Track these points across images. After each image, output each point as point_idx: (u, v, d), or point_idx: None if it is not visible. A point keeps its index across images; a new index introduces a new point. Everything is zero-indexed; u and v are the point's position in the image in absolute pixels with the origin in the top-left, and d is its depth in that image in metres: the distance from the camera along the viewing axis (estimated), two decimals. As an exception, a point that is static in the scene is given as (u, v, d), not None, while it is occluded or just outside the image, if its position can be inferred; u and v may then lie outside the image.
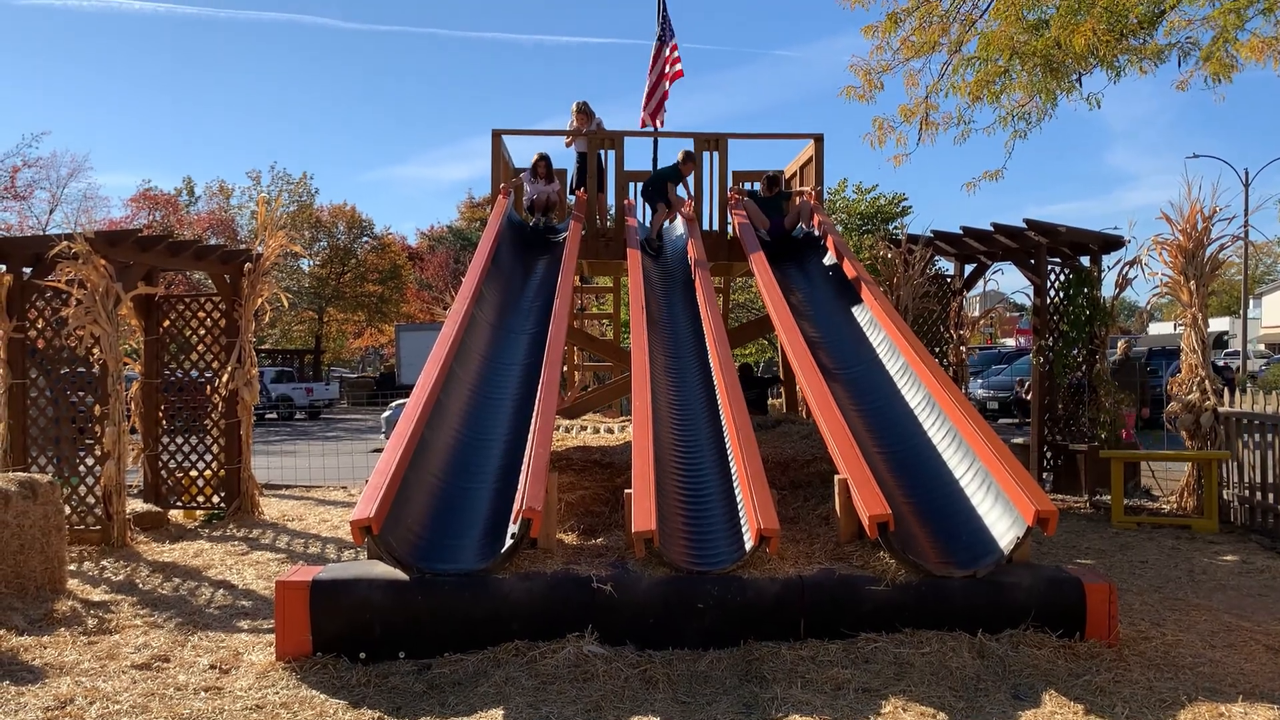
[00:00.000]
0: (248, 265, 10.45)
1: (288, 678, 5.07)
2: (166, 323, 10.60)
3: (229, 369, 10.26)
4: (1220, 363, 28.29)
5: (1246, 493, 9.49)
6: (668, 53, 14.09)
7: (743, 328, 14.73)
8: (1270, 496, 9.12)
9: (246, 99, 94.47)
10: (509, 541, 5.59)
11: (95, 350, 8.80)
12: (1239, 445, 9.59)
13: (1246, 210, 33.10)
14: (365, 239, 48.62)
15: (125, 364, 9.32)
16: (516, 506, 5.65)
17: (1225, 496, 9.75)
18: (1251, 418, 9.39)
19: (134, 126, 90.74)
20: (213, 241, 12.82)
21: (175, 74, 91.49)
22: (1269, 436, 9.15)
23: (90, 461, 8.90)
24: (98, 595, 7.03)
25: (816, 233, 11.29)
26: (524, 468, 6.03)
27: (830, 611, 5.40)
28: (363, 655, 5.25)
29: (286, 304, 10.54)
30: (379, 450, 6.61)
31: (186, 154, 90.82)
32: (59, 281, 8.74)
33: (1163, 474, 11.58)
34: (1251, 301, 46.23)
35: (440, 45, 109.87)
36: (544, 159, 11.61)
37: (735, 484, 6.49)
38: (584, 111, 12.09)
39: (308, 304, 45.07)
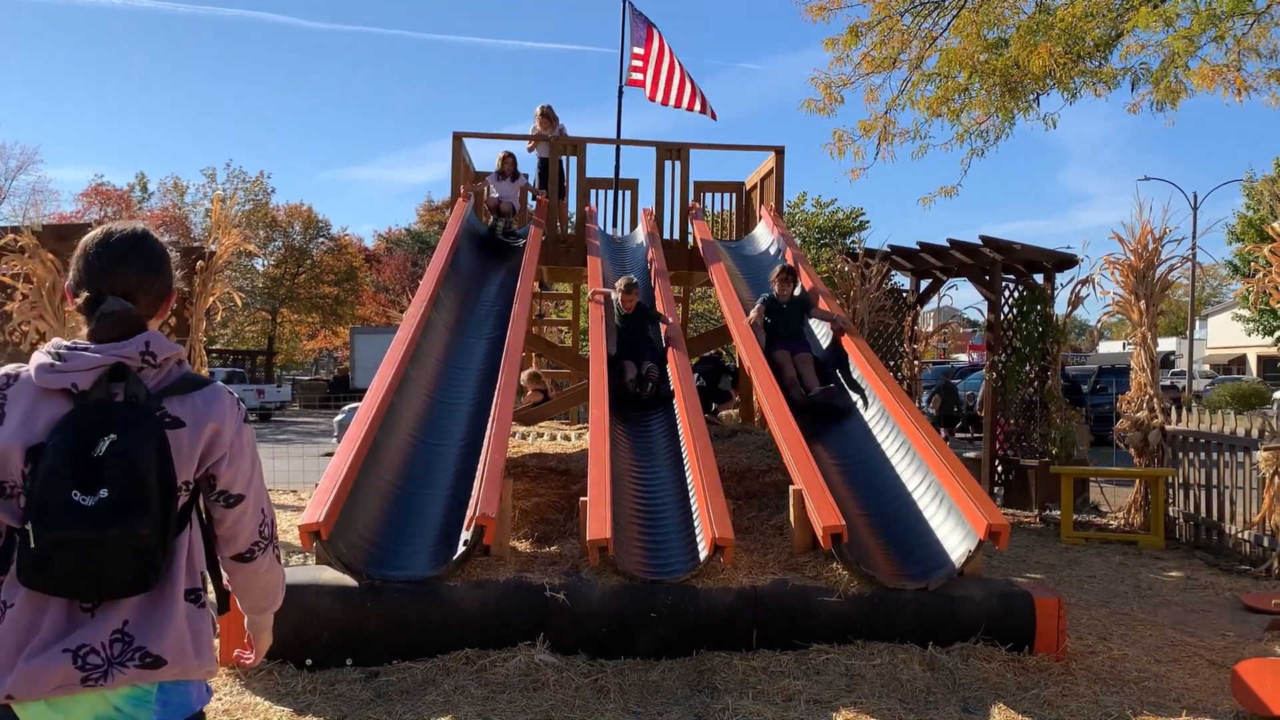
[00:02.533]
0: (200, 263, 10.28)
1: (231, 684, 4.96)
2: (115, 320, 10.37)
3: (179, 369, 10.06)
4: (1167, 382, 28.86)
5: (1191, 510, 9.65)
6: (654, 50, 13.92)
7: (701, 337, 14.76)
8: (1214, 514, 9.28)
9: (204, 95, 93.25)
10: (461, 548, 5.52)
11: (41, 346, 8.60)
12: (1185, 463, 9.76)
13: (1195, 233, 33.80)
14: (321, 240, 48.18)
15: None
16: (470, 513, 5.59)
17: (1171, 513, 9.91)
18: (1197, 436, 9.56)
19: (87, 120, 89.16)
20: (165, 238, 12.44)
21: (131, 67, 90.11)
22: (1214, 455, 9.32)
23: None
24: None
25: (776, 246, 11.34)
26: (478, 474, 5.97)
27: (783, 622, 5.40)
28: (309, 662, 5.15)
29: (239, 303, 10.37)
30: (331, 454, 6.51)
31: (141, 149, 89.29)
32: (4, 275, 8.54)
33: (1111, 491, 11.75)
34: (1198, 323, 47.21)
35: (403, 47, 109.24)
36: (511, 157, 11.60)
37: (691, 493, 6.48)
38: (547, 115, 12.07)
39: (261, 304, 44.51)
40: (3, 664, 1.89)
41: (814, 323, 9.37)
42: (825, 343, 9.08)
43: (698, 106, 14.17)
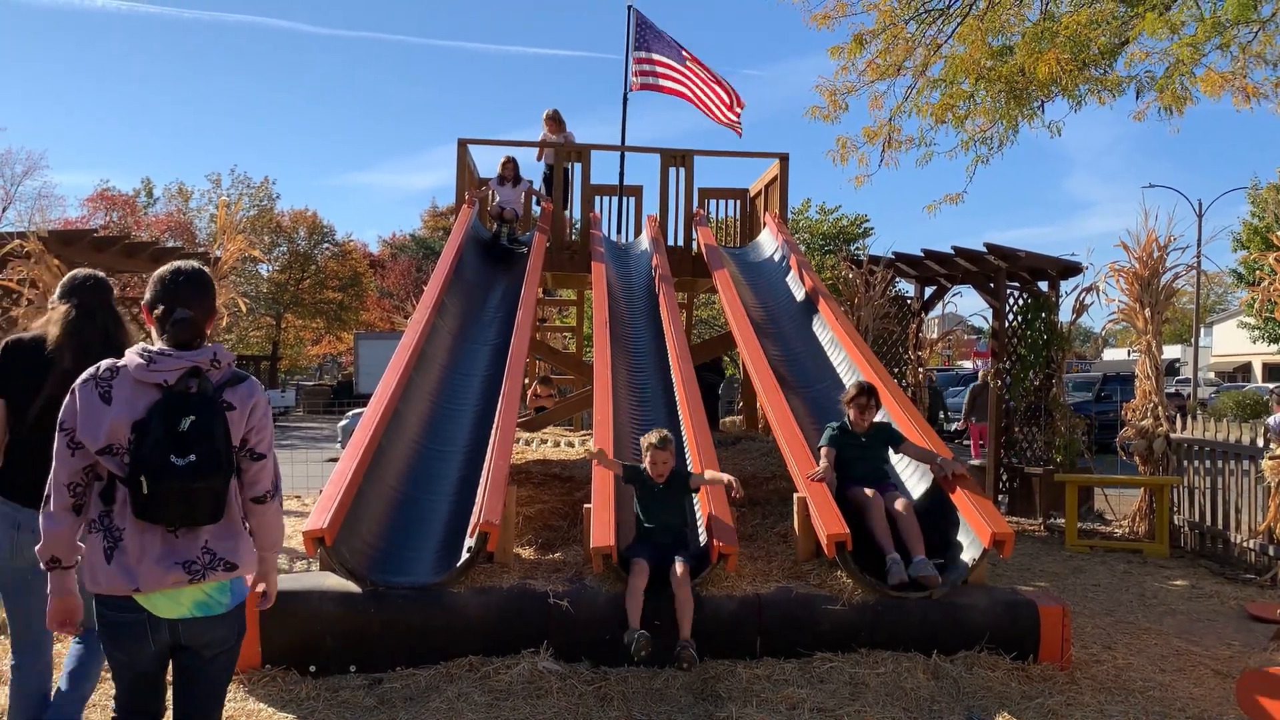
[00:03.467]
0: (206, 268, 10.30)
1: (235, 690, 4.95)
2: (120, 325, 10.40)
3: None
4: (1172, 390, 28.80)
5: (1196, 518, 9.63)
6: (678, 62, 13.76)
7: (705, 344, 14.76)
8: (1219, 522, 9.26)
9: (209, 101, 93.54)
10: (465, 555, 5.52)
11: (45, 351, 8.61)
12: (1190, 471, 9.73)
13: (1200, 240, 33.82)
14: (326, 245, 48.25)
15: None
16: (474, 519, 5.59)
17: (1176, 521, 9.88)
18: (1202, 444, 9.53)
19: (93, 126, 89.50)
20: (170, 244, 12.62)
21: (136, 73, 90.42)
22: (1219, 463, 9.29)
23: (37, 465, 8.68)
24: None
25: (780, 253, 11.34)
26: (482, 480, 5.97)
27: (787, 630, 5.39)
28: (313, 668, 5.15)
29: (244, 309, 10.39)
30: (335, 460, 6.52)
31: (146, 155, 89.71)
32: (10, 280, 8.56)
33: (1115, 499, 11.73)
34: (1202, 330, 47.14)
35: (408, 52, 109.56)
36: (512, 162, 11.64)
37: (695, 500, 6.47)
38: (555, 119, 12.11)
39: (265, 310, 44.58)
40: (129, 568, 2.87)
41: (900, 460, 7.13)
42: (916, 488, 6.86)
43: (727, 118, 13.80)
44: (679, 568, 5.35)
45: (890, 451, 6.65)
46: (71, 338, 3.81)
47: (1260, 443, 8.60)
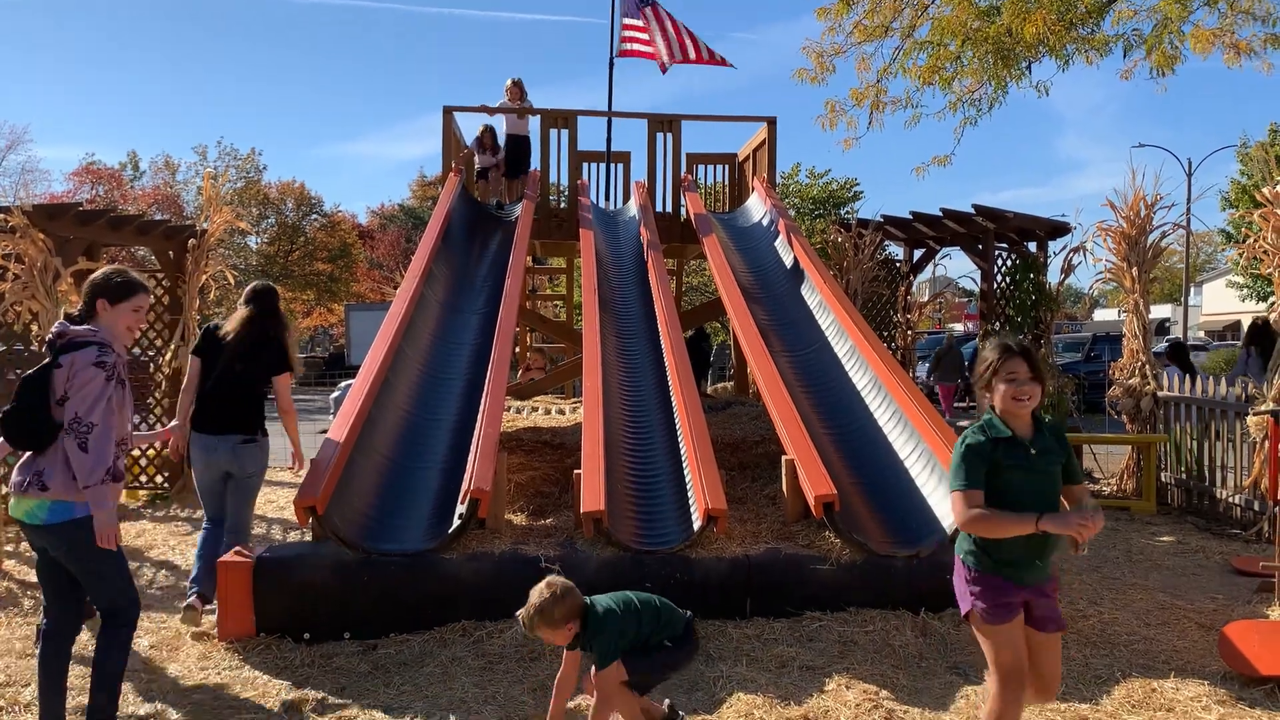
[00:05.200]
0: (192, 241, 10.26)
1: (230, 658, 5.01)
2: (108, 299, 10.36)
3: (172, 347, 10.07)
4: (1161, 348, 28.87)
5: (1183, 475, 9.71)
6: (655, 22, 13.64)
7: (695, 310, 14.77)
8: (1205, 479, 9.34)
9: (194, 72, 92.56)
10: (457, 522, 5.56)
11: (34, 326, 8.59)
12: (1177, 429, 9.81)
13: (1189, 199, 33.85)
14: (314, 217, 47.90)
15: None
16: (465, 486, 5.62)
17: (1163, 479, 9.97)
18: (1189, 402, 9.60)
19: (77, 99, 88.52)
20: (157, 217, 12.51)
21: (121, 45, 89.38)
22: (1206, 421, 9.36)
23: (28, 440, 8.69)
24: (35, 576, 6.87)
25: (768, 217, 11.32)
26: (473, 447, 6.00)
27: (776, 590, 5.45)
28: (307, 636, 5.20)
29: (233, 281, 10.33)
30: (326, 431, 6.54)
31: (131, 128, 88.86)
32: (-5, 255, 8.51)
33: (1104, 457, 11.81)
34: (1192, 289, 47.25)
35: (395, 20, 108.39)
36: (489, 130, 11.66)
37: (684, 465, 6.51)
38: (518, 87, 12.08)
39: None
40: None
41: None
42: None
43: (708, 56, 13.74)
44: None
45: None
46: (241, 329, 5.80)
47: (1245, 399, 8.66)
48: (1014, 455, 3.41)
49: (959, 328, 44.32)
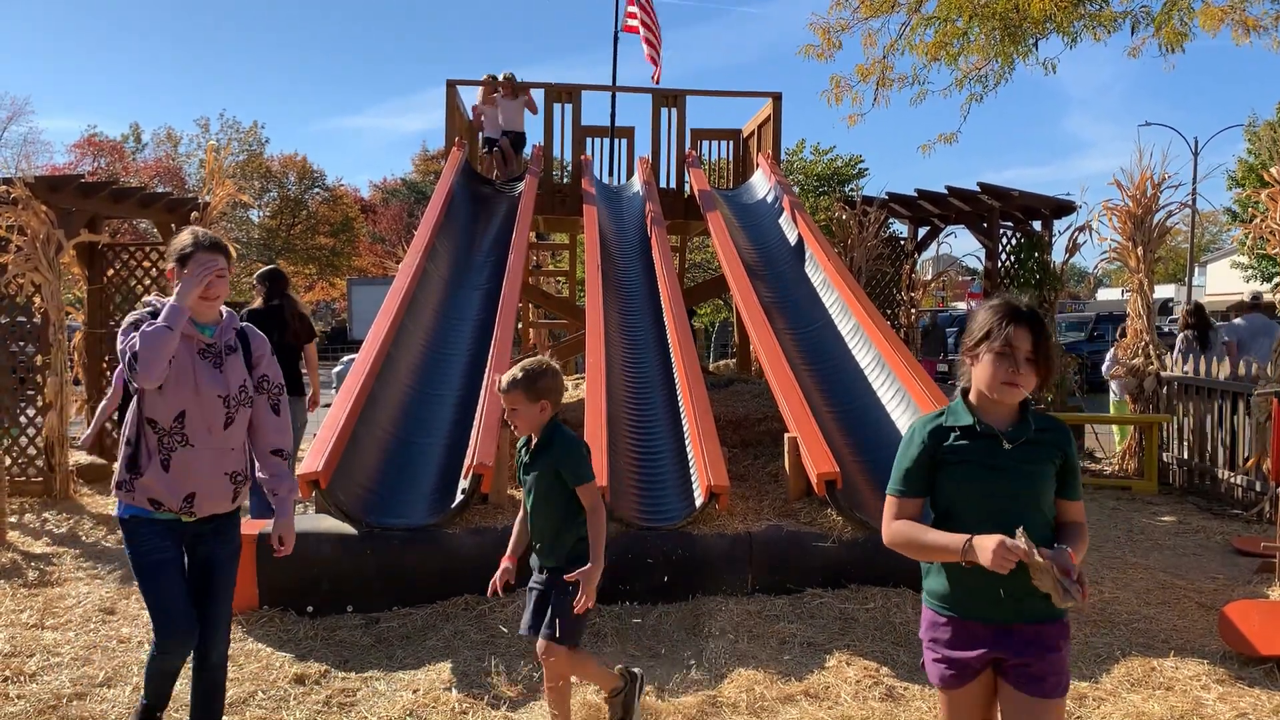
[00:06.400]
0: (194, 214, 10.23)
1: (234, 631, 5.02)
2: (111, 272, 10.36)
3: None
4: (1165, 328, 28.84)
5: (1185, 455, 9.71)
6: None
7: (698, 287, 14.75)
8: (1207, 459, 9.34)
9: (196, 44, 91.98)
10: (459, 496, 5.58)
11: (36, 299, 8.58)
12: (1179, 409, 9.80)
13: (1195, 178, 33.68)
14: (316, 190, 47.75)
15: (68, 313, 9.10)
16: (468, 462, 5.63)
17: (1165, 459, 9.97)
18: (1192, 382, 9.58)
19: (79, 71, 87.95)
20: (159, 189, 12.46)
21: (124, 17, 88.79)
22: (1208, 401, 9.35)
23: (31, 412, 8.71)
24: (39, 548, 6.91)
25: (773, 194, 11.28)
26: (476, 422, 6.00)
27: (778, 567, 5.47)
28: (310, 609, 5.23)
29: (234, 254, 10.30)
30: (329, 405, 6.55)
31: (134, 100, 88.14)
32: (-2, 227, 8.50)
33: (1106, 437, 11.81)
34: (1197, 269, 47.12)
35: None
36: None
37: (687, 441, 6.52)
38: (510, 81, 12.06)
39: (257, 256, 44.23)
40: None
41: None
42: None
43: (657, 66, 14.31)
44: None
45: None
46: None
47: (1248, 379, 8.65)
48: (973, 449, 2.56)
49: (962, 306, 44.29)
